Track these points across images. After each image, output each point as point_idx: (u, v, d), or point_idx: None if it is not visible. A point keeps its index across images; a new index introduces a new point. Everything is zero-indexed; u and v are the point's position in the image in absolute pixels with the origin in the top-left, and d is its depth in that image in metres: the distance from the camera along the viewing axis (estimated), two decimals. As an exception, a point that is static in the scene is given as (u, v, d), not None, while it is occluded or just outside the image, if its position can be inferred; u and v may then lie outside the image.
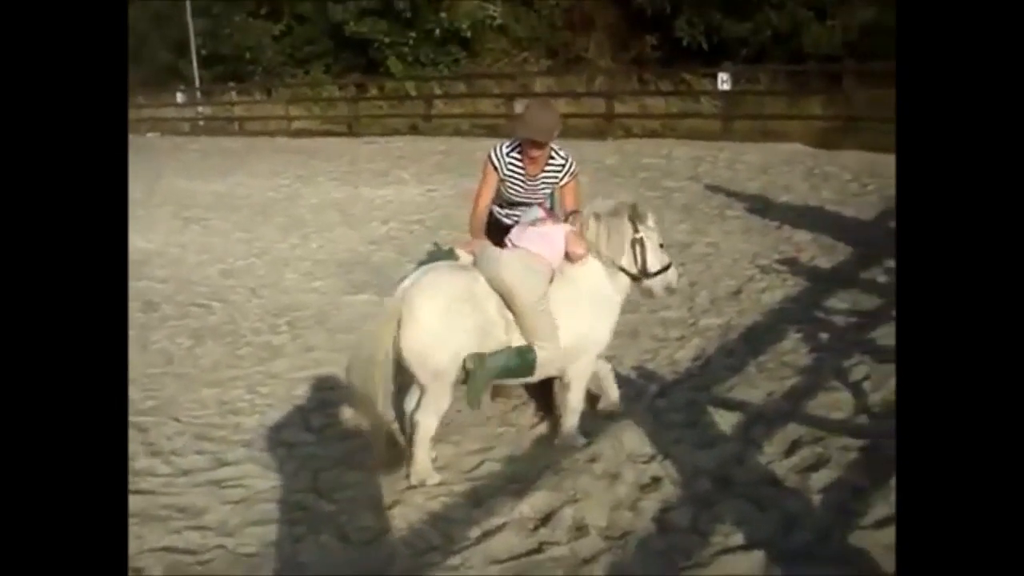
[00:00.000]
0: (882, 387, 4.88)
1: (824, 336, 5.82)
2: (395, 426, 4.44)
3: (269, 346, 6.55)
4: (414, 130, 20.43)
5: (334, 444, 4.71)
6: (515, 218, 4.71)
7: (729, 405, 4.79)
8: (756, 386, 5.04)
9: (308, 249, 9.66)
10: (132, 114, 23.75)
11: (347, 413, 4.88)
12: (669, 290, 4.67)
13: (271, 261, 9.22)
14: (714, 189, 11.31)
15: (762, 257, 7.94)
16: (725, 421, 4.61)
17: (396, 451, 4.31)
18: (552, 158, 4.68)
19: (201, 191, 14.44)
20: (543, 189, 4.76)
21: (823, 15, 18.40)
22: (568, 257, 4.34)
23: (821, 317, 6.24)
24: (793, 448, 4.27)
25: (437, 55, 24.94)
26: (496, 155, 4.69)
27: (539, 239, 4.29)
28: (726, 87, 15.05)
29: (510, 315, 4.14)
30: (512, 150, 4.68)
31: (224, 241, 10.45)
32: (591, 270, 4.41)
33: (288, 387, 5.63)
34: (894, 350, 5.34)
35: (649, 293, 4.58)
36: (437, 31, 24.08)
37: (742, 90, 16.51)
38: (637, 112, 17.90)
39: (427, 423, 4.13)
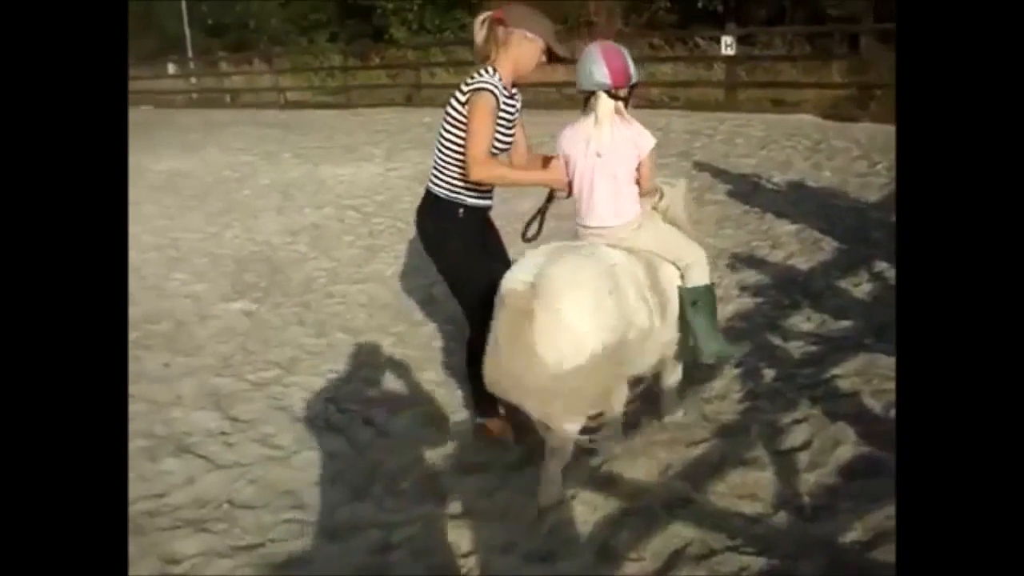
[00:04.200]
0: (825, 461, 3.53)
1: (770, 373, 4.44)
2: None
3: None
4: (408, 101, 19.10)
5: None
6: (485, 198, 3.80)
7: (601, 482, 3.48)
8: (653, 456, 3.69)
9: (220, 240, 8.40)
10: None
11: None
12: None
13: (171, 256, 7.95)
14: (703, 167, 9.85)
15: (727, 256, 6.52)
16: (588, 514, 3.29)
17: None
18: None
19: (154, 169, 13.21)
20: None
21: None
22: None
23: (775, 343, 4.86)
24: (667, 569, 2.94)
25: (443, 21, 23.64)
26: (491, 81, 3.53)
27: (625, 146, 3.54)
28: (730, 51, 13.44)
29: (651, 299, 3.44)
30: (493, 73, 3.58)
31: (141, 229, 9.17)
32: None
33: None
34: (856, 397, 4.00)
35: None
36: (442, -5, 22.82)
37: (749, 55, 14.88)
38: (643, 79, 16.33)
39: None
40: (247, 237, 8.47)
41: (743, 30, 14.64)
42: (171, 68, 26.72)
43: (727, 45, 13.41)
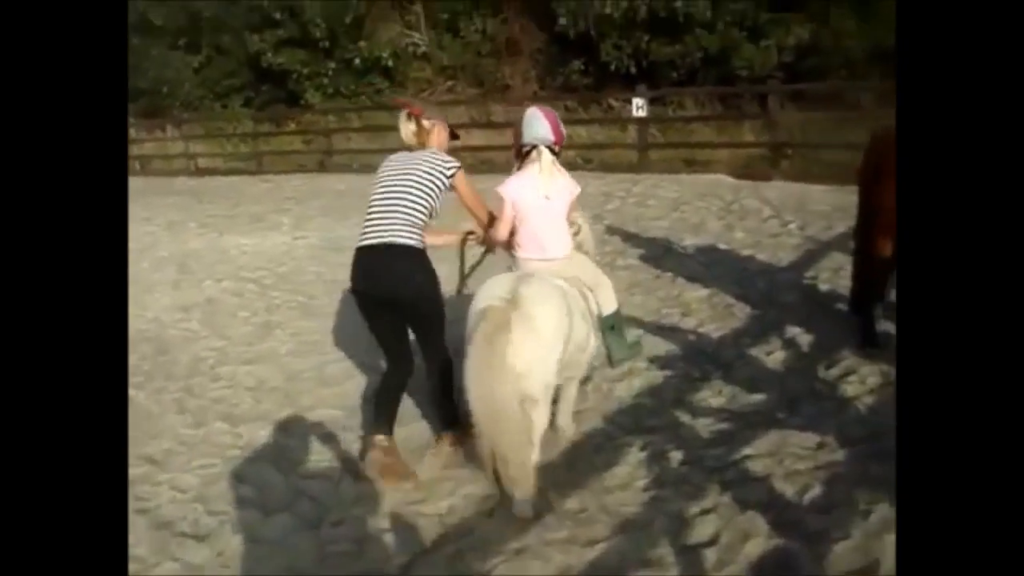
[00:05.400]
0: (734, 557, 3.23)
1: (676, 456, 4.15)
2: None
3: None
4: (321, 167, 18.75)
5: None
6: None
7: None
8: (549, 558, 3.34)
9: (107, 319, 7.89)
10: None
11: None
12: None
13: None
14: (614, 231, 9.67)
15: (637, 326, 6.26)
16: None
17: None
18: None
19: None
20: None
21: (757, 35, 16.92)
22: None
23: (683, 421, 4.58)
24: None
25: (359, 86, 23.43)
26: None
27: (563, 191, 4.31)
28: (641, 113, 13.43)
29: (588, 319, 4.28)
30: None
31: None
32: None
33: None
34: (767, 481, 3.73)
35: None
36: (357, 60, 22.60)
37: (658, 116, 14.93)
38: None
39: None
40: (137, 314, 7.95)
41: (654, 92, 14.63)
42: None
43: (638, 107, 13.38)
